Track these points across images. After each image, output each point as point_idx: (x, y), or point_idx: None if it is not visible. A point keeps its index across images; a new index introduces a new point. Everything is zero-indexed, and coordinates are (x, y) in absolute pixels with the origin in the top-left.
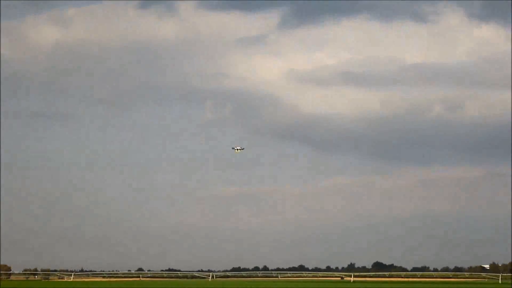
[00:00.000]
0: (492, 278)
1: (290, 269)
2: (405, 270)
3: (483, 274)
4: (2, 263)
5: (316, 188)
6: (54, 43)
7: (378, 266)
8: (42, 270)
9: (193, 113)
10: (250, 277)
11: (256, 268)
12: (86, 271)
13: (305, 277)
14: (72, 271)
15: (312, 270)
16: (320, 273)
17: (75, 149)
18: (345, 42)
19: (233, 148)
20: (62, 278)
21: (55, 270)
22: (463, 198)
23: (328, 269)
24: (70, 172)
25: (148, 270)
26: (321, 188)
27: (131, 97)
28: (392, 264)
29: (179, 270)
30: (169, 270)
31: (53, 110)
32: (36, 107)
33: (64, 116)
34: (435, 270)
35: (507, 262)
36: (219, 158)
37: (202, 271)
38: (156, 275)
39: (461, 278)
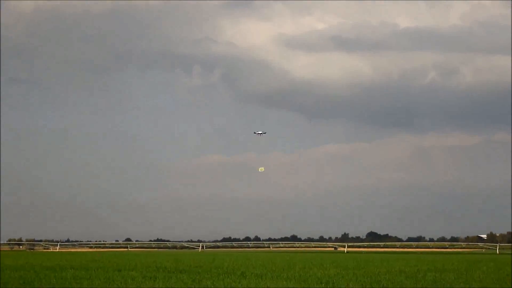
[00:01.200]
0: (489, 248)
1: (282, 239)
2: (400, 240)
3: (480, 244)
4: None
5: (307, 156)
6: (33, 7)
7: (373, 236)
8: (27, 240)
9: (180, 79)
10: (241, 247)
11: (247, 239)
12: (72, 241)
13: (298, 247)
14: (57, 241)
15: (305, 240)
16: (313, 244)
17: (58, 116)
18: (335, 6)
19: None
20: (48, 249)
21: (40, 240)
22: (459, 167)
23: (321, 239)
24: (54, 141)
25: (136, 241)
26: (313, 156)
27: (114, 63)
28: (387, 234)
29: (168, 241)
30: (158, 240)
31: (35, 75)
32: (12, 72)
33: (45, 81)
34: (431, 240)
35: (505, 231)
36: (207, 125)
37: (191, 241)
38: (144, 245)
39: (457, 248)
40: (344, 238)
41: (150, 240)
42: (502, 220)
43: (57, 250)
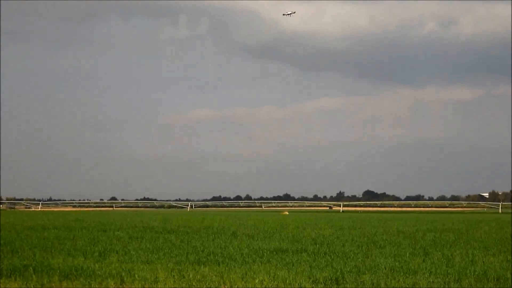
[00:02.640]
0: (491, 207)
1: (274, 198)
2: (398, 199)
3: (482, 203)
4: None
5: (301, 110)
6: None
7: (369, 195)
8: (7, 199)
9: (165, 29)
10: (231, 206)
11: (238, 198)
12: (55, 200)
13: (291, 206)
14: (39, 200)
15: (299, 199)
16: (307, 203)
17: (39, 69)
18: None
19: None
20: (29, 208)
21: (21, 199)
22: (459, 122)
23: (316, 198)
24: (35, 95)
25: (122, 200)
26: (306, 111)
27: (93, 11)
28: (384, 193)
29: (155, 200)
30: (145, 199)
31: (10, 26)
32: None
33: (23, 32)
34: (431, 199)
35: (507, 190)
36: (195, 79)
37: (180, 200)
38: (131, 204)
39: (458, 207)
40: (340, 197)
41: (137, 199)
42: (504, 178)
43: (39, 210)
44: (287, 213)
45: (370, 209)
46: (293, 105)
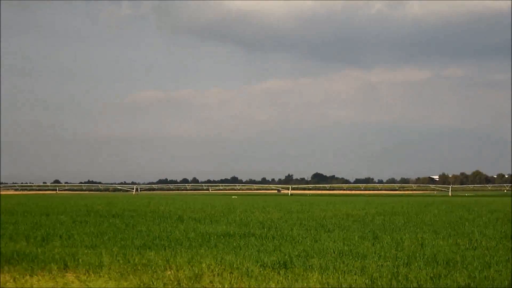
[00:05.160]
0: (441, 190)
1: (222, 181)
2: (347, 182)
3: (432, 185)
4: None
5: (247, 92)
6: None
7: (318, 178)
8: None
9: (106, 9)
10: (178, 190)
11: (185, 181)
12: None
13: (239, 190)
14: None
15: (246, 182)
16: (255, 186)
17: None
18: None
19: None
20: None
21: None
22: (408, 104)
23: (264, 181)
24: None
25: (66, 183)
26: (253, 92)
27: None
28: (333, 176)
29: (99, 183)
30: (89, 182)
31: None
32: None
33: None
34: (380, 182)
35: (457, 172)
36: (140, 61)
37: (125, 183)
38: (74, 188)
39: (408, 190)
40: (288, 179)
41: (81, 182)
42: (454, 160)
43: None
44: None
45: (319, 192)
46: (240, 87)
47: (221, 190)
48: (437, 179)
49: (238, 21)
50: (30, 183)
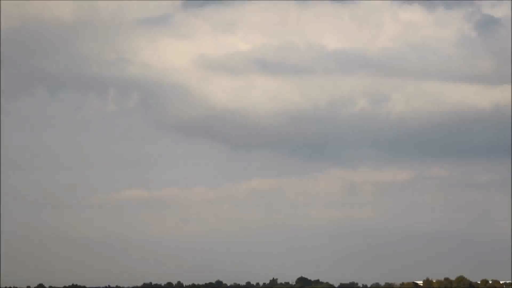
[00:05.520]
0: None
1: (206, 285)
2: (332, 286)
3: None
4: None
5: (232, 192)
6: None
7: (303, 282)
8: None
9: (94, 104)
10: None
11: (169, 285)
12: None
13: None
14: None
15: (231, 286)
16: None
17: None
18: (259, 25)
19: None
20: None
21: None
22: (392, 205)
23: (249, 285)
24: None
25: (50, 287)
26: (237, 192)
27: (19, 85)
28: (318, 280)
29: (83, 287)
30: (73, 286)
31: None
32: None
33: None
34: (365, 286)
35: (441, 277)
36: (122, 156)
37: (109, 287)
38: None
39: None
40: (273, 283)
41: (65, 286)
42: (438, 264)
43: None
44: None
45: None
46: (224, 186)
47: None
48: (421, 284)
49: (222, 118)
50: (13, 287)
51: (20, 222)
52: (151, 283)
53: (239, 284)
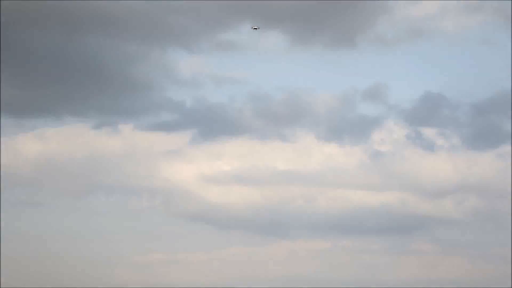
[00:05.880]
0: None
1: None
2: None
3: None
4: None
5: (220, 255)
6: (37, 154)
7: None
8: None
9: (131, 204)
10: None
11: None
12: None
13: None
14: None
15: None
16: None
17: None
18: (236, 155)
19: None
20: None
21: None
22: None
23: None
24: None
25: None
26: (224, 255)
27: (72, 198)
28: None
29: None
30: None
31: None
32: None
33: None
34: None
35: None
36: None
37: None
38: None
39: None
40: None
41: None
42: None
43: None
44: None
45: None
46: (212, 252)
47: None
48: None
49: (212, 211)
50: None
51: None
52: None
53: None
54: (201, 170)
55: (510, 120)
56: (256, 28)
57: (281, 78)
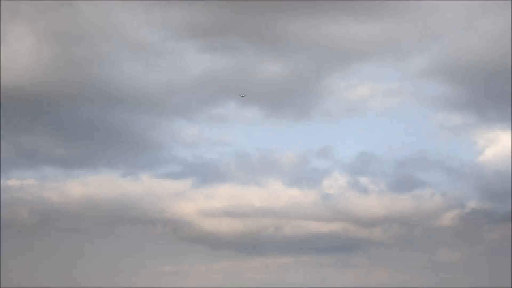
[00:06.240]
0: None
1: None
2: None
3: None
4: None
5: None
6: (81, 195)
7: None
8: None
9: (149, 231)
10: None
11: None
12: None
13: None
14: None
15: None
16: None
17: None
18: (225, 196)
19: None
20: None
21: None
22: None
23: None
24: None
25: None
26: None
27: (107, 226)
28: None
29: None
30: None
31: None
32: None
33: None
34: None
35: None
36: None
37: None
38: None
39: None
40: None
41: None
42: None
43: None
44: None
45: None
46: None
47: None
48: None
49: (207, 237)
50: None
51: None
52: None
53: None
54: (199, 207)
55: (421, 171)
56: (243, 96)
57: (258, 141)
